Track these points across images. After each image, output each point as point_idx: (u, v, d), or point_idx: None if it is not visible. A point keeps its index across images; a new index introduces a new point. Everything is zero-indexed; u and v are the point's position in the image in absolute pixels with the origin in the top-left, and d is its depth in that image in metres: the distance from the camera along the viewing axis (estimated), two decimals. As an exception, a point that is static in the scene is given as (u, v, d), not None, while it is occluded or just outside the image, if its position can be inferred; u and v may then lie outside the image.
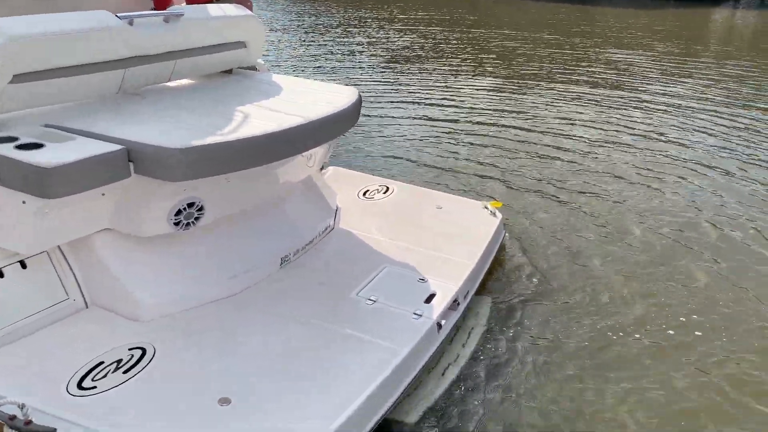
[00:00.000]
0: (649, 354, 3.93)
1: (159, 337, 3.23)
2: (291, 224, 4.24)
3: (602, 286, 4.68)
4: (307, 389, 2.97)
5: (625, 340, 4.06)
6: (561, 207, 6.04)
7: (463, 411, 3.42)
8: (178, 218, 3.38)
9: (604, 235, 5.48)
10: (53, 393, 2.76)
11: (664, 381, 3.69)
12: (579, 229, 5.59)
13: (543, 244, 5.30)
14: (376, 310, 3.66)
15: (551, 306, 4.42)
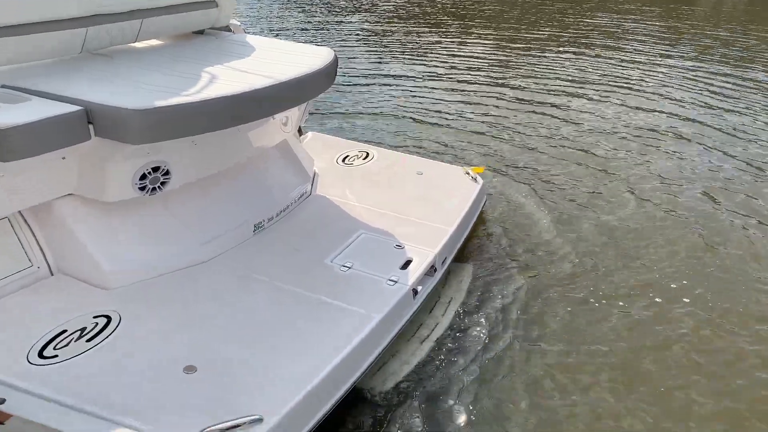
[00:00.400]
0: (632, 323, 3.89)
1: (125, 305, 3.15)
2: (265, 190, 4.14)
3: (587, 254, 4.62)
4: (275, 357, 2.91)
5: (610, 310, 4.00)
6: (547, 173, 5.95)
7: (440, 380, 3.37)
8: (143, 183, 3.27)
9: (591, 202, 5.41)
10: (12, 361, 2.69)
11: (648, 352, 3.65)
12: (565, 195, 5.51)
13: (526, 210, 5.23)
14: (351, 276, 3.59)
15: (534, 273, 4.36)
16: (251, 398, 2.67)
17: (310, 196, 4.49)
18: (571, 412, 3.18)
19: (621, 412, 3.19)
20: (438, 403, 3.22)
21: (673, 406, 3.23)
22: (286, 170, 4.37)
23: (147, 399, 2.60)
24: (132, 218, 3.43)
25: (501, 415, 3.15)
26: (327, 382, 2.84)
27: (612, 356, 3.59)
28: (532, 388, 3.34)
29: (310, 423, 2.75)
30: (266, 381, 2.77)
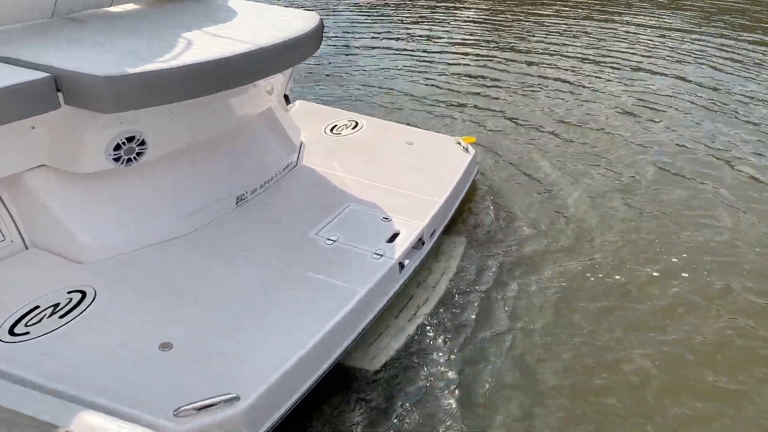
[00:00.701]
0: (628, 300, 3.79)
1: (101, 279, 3.06)
2: (248, 161, 4.01)
3: (583, 226, 4.51)
4: (255, 333, 2.83)
5: (604, 281, 3.90)
6: (541, 143, 5.82)
7: (431, 358, 3.28)
8: (117, 153, 3.15)
9: (588, 173, 5.27)
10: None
11: (649, 331, 3.56)
12: (561, 165, 5.37)
13: (521, 181, 5.11)
14: (336, 250, 3.50)
15: (527, 247, 4.26)
16: (228, 376, 2.59)
17: (295, 167, 4.37)
18: (560, 392, 3.10)
19: (614, 390, 3.13)
20: (428, 381, 3.13)
21: (665, 384, 3.17)
22: (270, 140, 4.24)
23: (120, 377, 2.52)
24: (108, 190, 3.32)
25: (492, 393, 3.07)
26: (308, 358, 2.76)
27: (605, 335, 3.50)
28: (524, 365, 3.25)
29: (290, 401, 2.68)
30: (244, 358, 2.69)
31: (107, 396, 2.41)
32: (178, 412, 2.38)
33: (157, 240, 3.38)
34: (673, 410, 3.00)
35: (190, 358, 2.66)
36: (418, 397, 3.03)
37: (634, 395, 3.08)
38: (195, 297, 3.02)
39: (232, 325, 2.87)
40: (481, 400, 3.03)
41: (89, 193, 3.26)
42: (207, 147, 3.75)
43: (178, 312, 2.92)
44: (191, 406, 2.40)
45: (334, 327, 2.92)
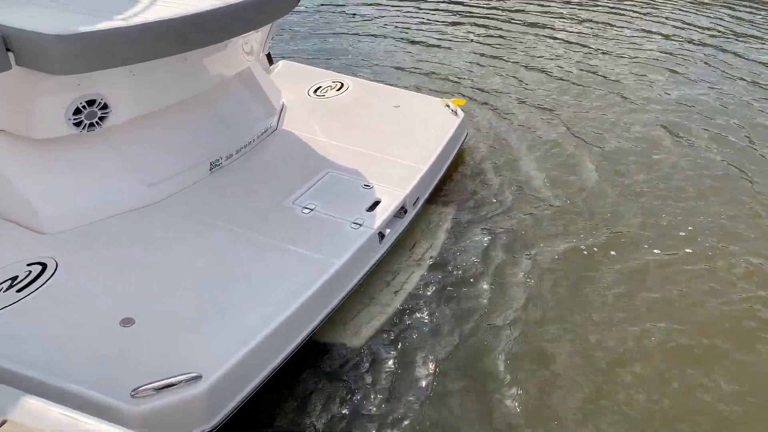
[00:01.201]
0: (622, 271, 3.63)
1: (63, 251, 2.92)
2: (223, 124, 3.83)
3: (578, 195, 4.30)
4: (222, 308, 2.71)
5: (600, 258, 3.75)
6: (536, 108, 5.58)
7: (415, 334, 3.13)
8: (77, 118, 2.97)
9: (584, 139, 5.05)
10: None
11: (644, 304, 3.41)
12: (556, 131, 5.15)
13: (512, 146, 4.91)
14: (312, 219, 3.35)
15: (519, 217, 4.07)
16: (191, 354, 2.47)
17: (275, 131, 4.18)
18: (554, 368, 2.98)
19: (607, 363, 3.01)
20: (411, 357, 2.99)
21: (660, 364, 3.06)
22: (248, 102, 4.05)
23: (78, 355, 2.41)
24: (71, 157, 3.15)
25: (477, 370, 2.94)
26: (277, 335, 2.64)
27: (600, 310, 3.34)
28: (511, 341, 3.12)
29: (256, 380, 2.57)
30: (209, 335, 2.57)
31: (63, 376, 2.30)
32: (135, 393, 2.27)
33: (124, 209, 3.23)
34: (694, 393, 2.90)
35: (152, 335, 2.54)
36: (400, 375, 2.91)
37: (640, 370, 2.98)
38: (161, 270, 2.89)
39: (198, 299, 2.74)
40: (467, 379, 2.90)
41: (51, 161, 3.10)
42: (179, 110, 3.56)
43: (143, 286, 2.79)
44: (150, 386, 2.29)
45: (306, 301, 2.80)
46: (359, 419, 2.69)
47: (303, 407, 2.72)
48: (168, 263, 2.94)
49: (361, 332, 3.14)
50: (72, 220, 3.07)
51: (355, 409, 2.73)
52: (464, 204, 4.17)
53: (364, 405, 2.75)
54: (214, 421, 2.40)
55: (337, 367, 2.94)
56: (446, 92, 5.74)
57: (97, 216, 3.14)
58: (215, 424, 2.40)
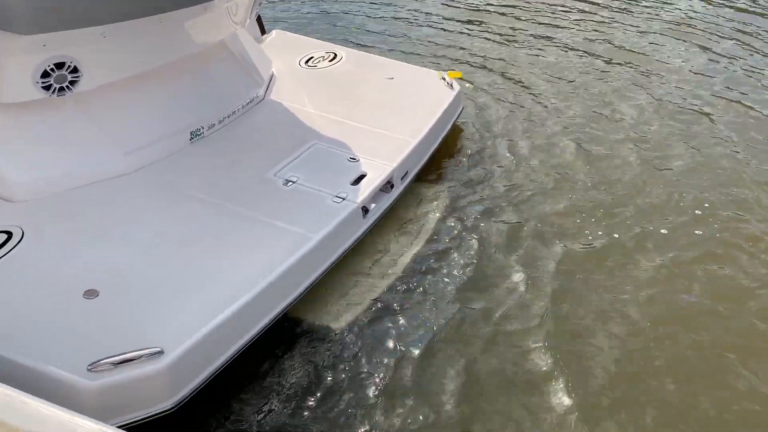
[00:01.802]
0: (622, 250, 3.49)
1: (30, 219, 2.82)
2: (206, 92, 3.69)
3: (574, 177, 4.10)
4: (190, 282, 2.60)
5: (590, 229, 3.60)
6: (537, 82, 5.38)
7: (399, 319, 2.99)
8: (46, 81, 2.85)
9: (586, 116, 4.83)
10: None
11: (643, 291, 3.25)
12: (557, 108, 4.93)
13: (510, 122, 4.71)
14: (293, 191, 3.23)
15: (514, 196, 3.89)
16: (155, 328, 2.38)
17: (262, 101, 4.04)
18: (546, 352, 2.85)
19: (601, 348, 2.90)
20: (392, 345, 2.86)
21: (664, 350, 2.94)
22: (233, 71, 3.90)
23: (37, 327, 2.32)
24: (41, 123, 3.03)
25: (471, 358, 2.82)
26: (245, 311, 2.53)
27: (598, 301, 3.17)
28: (501, 329, 2.97)
29: (223, 357, 2.47)
30: (175, 309, 2.47)
31: (19, 349, 2.21)
32: (93, 367, 2.18)
33: (97, 178, 3.11)
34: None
35: (116, 308, 2.44)
36: (380, 362, 2.77)
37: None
38: (131, 241, 2.78)
39: (167, 272, 2.64)
40: (447, 366, 2.78)
41: (20, 125, 2.99)
42: (159, 77, 3.43)
43: (111, 257, 2.68)
44: (108, 360, 2.20)
45: (279, 277, 2.68)
46: (330, 404, 2.58)
47: (273, 389, 2.62)
48: (140, 234, 2.83)
49: (344, 313, 3.01)
50: (42, 187, 2.97)
51: (327, 393, 2.62)
52: (457, 180, 4.02)
53: (335, 389, 2.64)
54: (175, 399, 2.31)
55: (314, 348, 2.83)
56: (444, 64, 5.56)
57: (69, 184, 3.03)
58: (176, 402, 2.31)
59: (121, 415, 2.21)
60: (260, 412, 2.53)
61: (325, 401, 2.59)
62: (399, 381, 2.69)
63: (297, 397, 2.59)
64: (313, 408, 2.56)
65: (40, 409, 1.81)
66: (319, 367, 2.73)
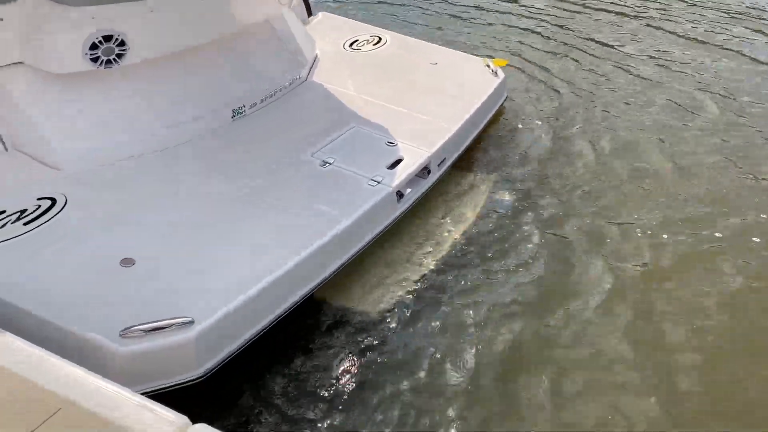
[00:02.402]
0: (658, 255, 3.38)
1: (74, 188, 2.90)
2: (250, 72, 3.73)
3: (617, 173, 3.96)
4: (223, 256, 2.64)
5: (638, 236, 3.50)
6: (585, 73, 5.22)
7: (433, 313, 2.94)
8: (94, 53, 2.92)
9: (628, 110, 4.70)
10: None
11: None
12: (604, 101, 4.76)
13: (555, 113, 4.59)
14: (329, 173, 3.24)
15: (551, 188, 3.80)
16: (187, 298, 2.42)
17: (304, 82, 4.06)
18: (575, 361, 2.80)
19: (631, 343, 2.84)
20: (424, 337, 2.82)
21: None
22: (277, 51, 3.93)
23: (75, 292, 2.39)
24: (89, 94, 3.12)
25: (505, 354, 2.77)
26: (275, 287, 2.56)
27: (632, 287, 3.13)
28: (536, 325, 2.91)
29: (251, 330, 2.50)
30: (208, 281, 2.51)
31: (57, 311, 2.29)
32: (124, 333, 2.24)
33: (140, 151, 3.18)
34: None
35: (151, 277, 2.50)
36: (409, 354, 2.73)
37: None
38: (168, 213, 2.84)
39: (201, 245, 2.68)
40: (477, 359, 2.73)
41: (69, 97, 3.07)
42: (203, 54, 3.48)
43: (148, 227, 2.74)
44: (140, 327, 2.26)
45: (310, 256, 2.70)
46: (350, 388, 2.59)
47: (302, 369, 2.64)
48: (177, 207, 2.89)
49: (381, 302, 2.98)
50: (87, 157, 3.05)
51: (355, 376, 2.63)
52: (497, 169, 3.96)
53: (365, 373, 2.64)
54: (203, 368, 2.35)
55: (343, 330, 2.82)
56: (492, 51, 5.46)
57: (114, 155, 3.11)
58: (204, 371, 2.35)
59: (149, 381, 2.27)
60: (286, 390, 2.55)
61: (352, 383, 2.60)
62: (432, 374, 2.67)
63: (325, 378, 2.60)
64: (341, 389, 2.57)
65: (68, 372, 1.89)
66: (351, 351, 2.73)
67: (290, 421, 2.44)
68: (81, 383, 1.87)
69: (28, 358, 1.93)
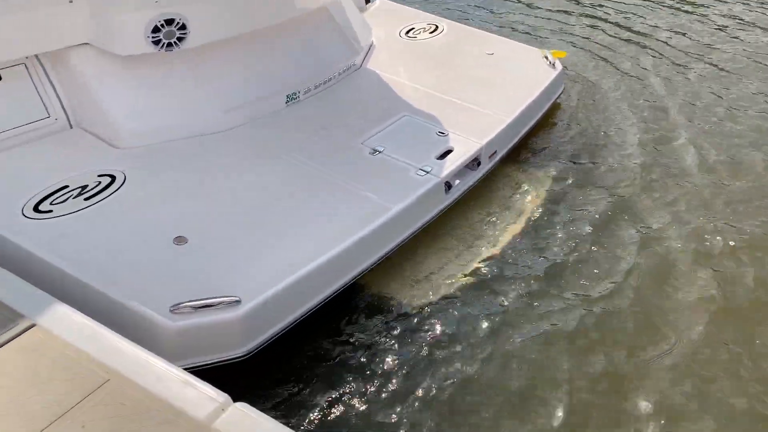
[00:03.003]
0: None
1: (134, 166, 3.01)
2: (305, 58, 3.77)
3: (678, 173, 3.83)
4: (271, 238, 2.70)
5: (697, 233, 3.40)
6: (647, 69, 5.06)
7: (494, 303, 2.93)
8: (156, 36, 3.01)
9: (690, 108, 4.54)
10: (8, 212, 2.64)
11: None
12: (664, 99, 4.63)
13: (615, 108, 4.46)
14: (378, 161, 3.25)
15: (607, 182, 3.72)
16: (236, 278, 2.49)
17: (358, 69, 4.07)
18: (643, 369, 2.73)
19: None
20: (472, 331, 2.80)
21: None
22: (332, 38, 3.95)
23: (128, 265, 2.49)
24: (151, 76, 3.22)
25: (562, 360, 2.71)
26: (321, 272, 2.60)
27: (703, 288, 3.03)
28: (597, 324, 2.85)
29: (296, 312, 2.56)
30: (256, 262, 2.57)
31: (109, 283, 2.38)
32: (175, 309, 2.32)
33: (197, 132, 3.27)
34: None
35: (202, 256, 2.58)
36: (456, 345, 2.72)
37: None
38: (221, 195, 2.91)
39: (251, 226, 2.75)
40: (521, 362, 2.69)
41: (131, 77, 3.18)
42: (259, 39, 3.54)
43: (201, 207, 2.83)
44: (189, 304, 2.33)
45: (356, 243, 2.73)
46: (390, 377, 2.60)
47: (344, 354, 2.67)
48: (230, 189, 2.96)
49: (430, 294, 2.97)
50: (146, 137, 3.15)
51: (398, 365, 2.64)
52: (551, 163, 3.88)
53: (410, 363, 2.65)
54: (248, 347, 2.42)
55: (388, 322, 2.82)
56: (551, 43, 5.35)
57: (171, 136, 3.20)
58: (248, 350, 2.42)
59: (195, 356, 2.35)
60: (327, 375, 2.59)
61: (394, 372, 2.61)
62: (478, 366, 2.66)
63: (368, 366, 2.63)
64: (382, 377, 2.59)
65: (119, 345, 1.98)
66: (393, 339, 2.74)
67: (329, 405, 2.47)
68: (130, 356, 1.96)
69: (82, 329, 2.03)
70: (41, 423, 1.77)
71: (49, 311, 2.04)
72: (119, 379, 1.90)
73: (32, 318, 2.02)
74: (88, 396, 1.86)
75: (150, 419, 1.80)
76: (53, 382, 1.88)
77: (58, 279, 2.39)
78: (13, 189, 2.76)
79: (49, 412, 1.80)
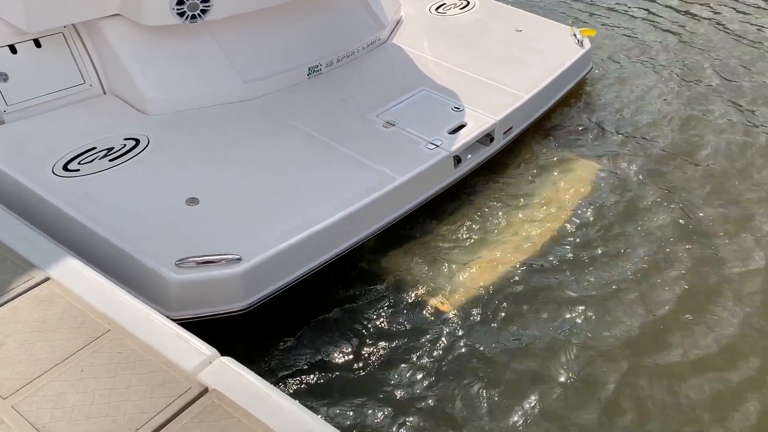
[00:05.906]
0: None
1: (158, 130, 3.20)
2: (329, 31, 3.86)
3: (710, 162, 3.75)
4: (279, 202, 2.84)
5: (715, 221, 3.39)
6: (680, 54, 4.87)
7: (496, 297, 2.91)
8: (180, 8, 3.16)
9: (720, 97, 4.39)
10: (39, 170, 2.87)
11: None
12: (694, 78, 4.52)
13: (645, 90, 4.38)
14: (390, 134, 3.34)
15: (631, 169, 3.67)
16: (241, 238, 2.65)
17: (384, 44, 4.14)
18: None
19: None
20: (472, 303, 2.85)
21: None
22: (357, 12, 4.02)
23: (142, 222, 2.67)
24: (176, 46, 3.39)
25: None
26: (319, 236, 2.73)
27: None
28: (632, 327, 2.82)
29: (294, 274, 2.70)
30: (260, 224, 2.72)
31: (120, 237, 2.58)
32: (180, 263, 2.50)
33: (220, 101, 3.43)
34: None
35: (211, 217, 2.74)
36: (463, 329, 2.75)
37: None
38: (236, 161, 3.07)
39: (261, 192, 2.90)
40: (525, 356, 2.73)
41: (158, 47, 3.36)
42: (285, 12, 3.65)
43: (216, 171, 2.99)
44: (194, 259, 2.51)
45: (357, 211, 2.84)
46: (381, 342, 2.70)
47: (341, 322, 2.79)
48: (245, 156, 3.11)
49: (442, 268, 3.03)
50: (171, 104, 3.34)
51: (397, 337, 2.72)
52: (570, 142, 3.87)
53: (411, 338, 2.72)
54: (247, 302, 2.58)
55: (385, 291, 2.92)
56: (577, 19, 5.23)
57: (195, 104, 3.38)
58: (247, 305, 2.58)
59: (197, 307, 2.52)
60: (315, 339, 2.71)
61: (386, 338, 2.72)
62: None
63: (360, 332, 2.74)
64: (372, 344, 2.71)
65: (121, 298, 2.17)
66: (390, 308, 2.84)
67: (316, 368, 2.60)
68: (130, 310, 2.15)
69: (91, 283, 2.23)
70: (44, 366, 1.98)
71: (63, 266, 2.25)
72: (118, 330, 2.10)
73: (47, 272, 2.24)
74: (89, 344, 2.06)
75: (142, 367, 2.00)
76: (59, 331, 2.09)
77: (78, 232, 2.61)
78: (47, 149, 3.00)
79: (52, 357, 2.01)
